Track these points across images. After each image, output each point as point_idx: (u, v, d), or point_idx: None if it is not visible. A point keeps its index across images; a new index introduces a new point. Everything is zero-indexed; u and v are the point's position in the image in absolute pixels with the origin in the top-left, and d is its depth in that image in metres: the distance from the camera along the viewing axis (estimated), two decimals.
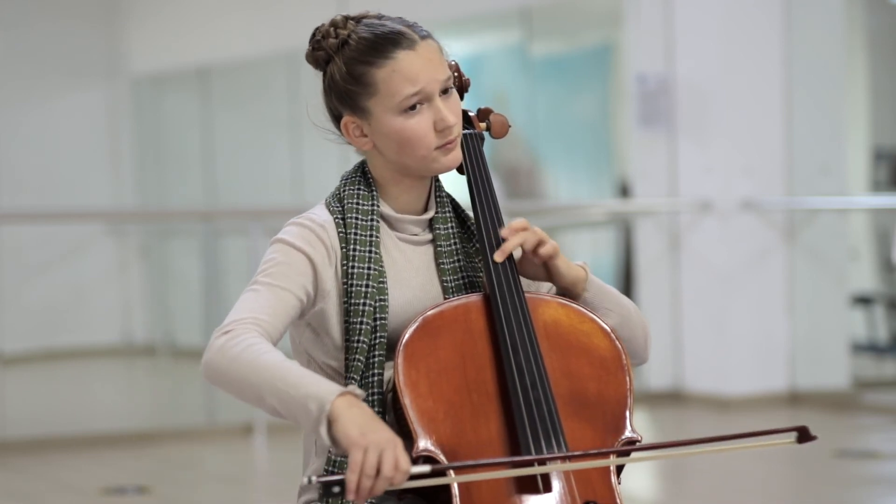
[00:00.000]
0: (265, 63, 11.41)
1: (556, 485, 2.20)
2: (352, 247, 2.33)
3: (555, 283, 2.39)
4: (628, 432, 2.28)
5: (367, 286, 2.31)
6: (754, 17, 8.25)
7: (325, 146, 2.66)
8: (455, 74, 2.44)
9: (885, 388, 8.96)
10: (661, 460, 5.95)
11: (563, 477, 2.21)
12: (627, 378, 2.32)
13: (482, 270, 2.40)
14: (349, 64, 2.32)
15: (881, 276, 10.54)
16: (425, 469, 2.10)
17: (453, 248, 2.41)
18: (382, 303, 2.32)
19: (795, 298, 8.33)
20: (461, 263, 2.41)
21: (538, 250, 2.33)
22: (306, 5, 10.33)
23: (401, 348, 2.24)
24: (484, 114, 2.51)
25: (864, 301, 10.06)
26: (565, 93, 11.38)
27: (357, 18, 2.36)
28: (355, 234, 2.34)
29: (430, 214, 2.41)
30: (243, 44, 11.51)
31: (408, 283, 2.37)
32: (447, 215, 2.42)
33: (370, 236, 2.34)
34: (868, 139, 10.64)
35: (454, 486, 2.15)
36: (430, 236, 2.41)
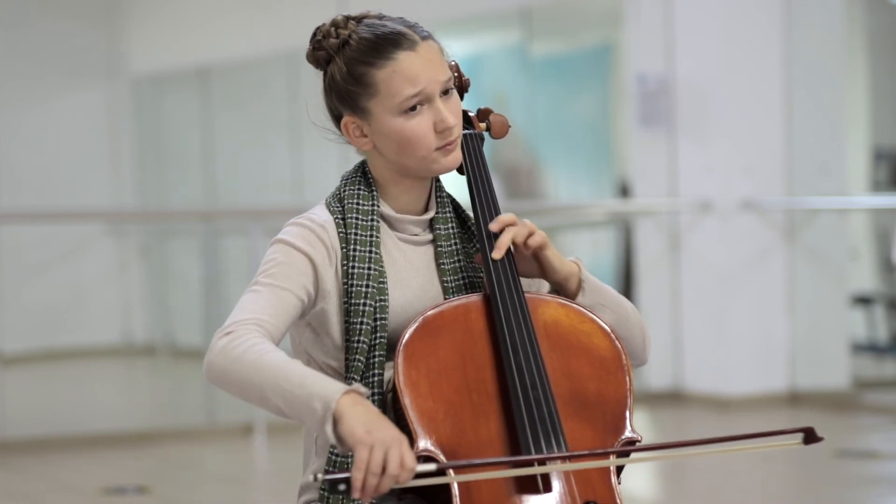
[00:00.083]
0: (265, 63, 11.40)
1: (556, 485, 2.20)
2: (352, 247, 2.33)
3: (548, 278, 2.39)
4: (628, 432, 2.28)
5: (368, 286, 2.31)
6: (754, 17, 8.24)
7: (325, 146, 2.66)
8: (455, 75, 2.44)
9: (885, 388, 8.96)
10: (661, 460, 5.94)
11: (563, 477, 2.21)
12: (627, 378, 2.32)
13: (482, 270, 2.39)
14: (350, 64, 2.32)
15: (881, 276, 10.54)
16: (431, 467, 2.10)
17: (454, 248, 2.41)
18: (383, 303, 2.32)
19: (795, 298, 8.33)
20: (461, 264, 2.41)
21: (528, 241, 2.33)
22: (306, 5, 10.33)
23: (401, 348, 2.24)
24: (484, 114, 2.51)
25: (864, 301, 10.06)
26: (565, 93, 11.38)
27: (358, 18, 2.36)
28: (355, 234, 2.34)
29: (431, 215, 2.41)
30: (243, 44, 11.51)
31: (408, 283, 2.37)
32: (447, 215, 2.42)
33: (370, 236, 2.34)
34: (868, 139, 10.63)
35: (454, 485, 2.15)
36: (430, 236, 2.41)
